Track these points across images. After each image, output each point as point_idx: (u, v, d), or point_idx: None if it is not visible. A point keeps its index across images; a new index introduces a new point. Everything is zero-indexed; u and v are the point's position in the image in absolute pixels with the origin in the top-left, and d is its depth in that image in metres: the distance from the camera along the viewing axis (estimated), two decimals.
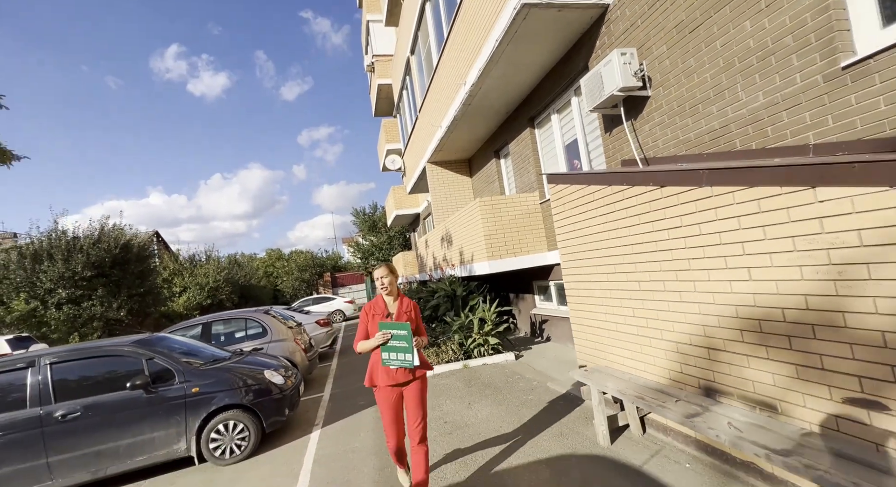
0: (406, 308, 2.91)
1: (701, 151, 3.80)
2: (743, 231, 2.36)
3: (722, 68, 3.49)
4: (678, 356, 2.94)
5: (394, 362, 2.73)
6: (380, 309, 2.88)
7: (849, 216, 1.85)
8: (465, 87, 6.43)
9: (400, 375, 2.79)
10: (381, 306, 2.89)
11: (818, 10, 2.78)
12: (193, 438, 4.16)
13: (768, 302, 2.26)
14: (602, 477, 2.82)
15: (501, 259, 6.54)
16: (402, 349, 2.70)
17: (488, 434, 3.81)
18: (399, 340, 2.70)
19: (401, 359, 2.71)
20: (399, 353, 2.71)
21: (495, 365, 6.25)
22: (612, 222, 3.49)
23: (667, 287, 2.99)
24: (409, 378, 2.82)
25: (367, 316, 2.88)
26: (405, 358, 2.70)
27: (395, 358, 2.72)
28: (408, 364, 2.70)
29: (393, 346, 2.72)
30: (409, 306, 2.94)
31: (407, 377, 2.81)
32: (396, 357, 2.72)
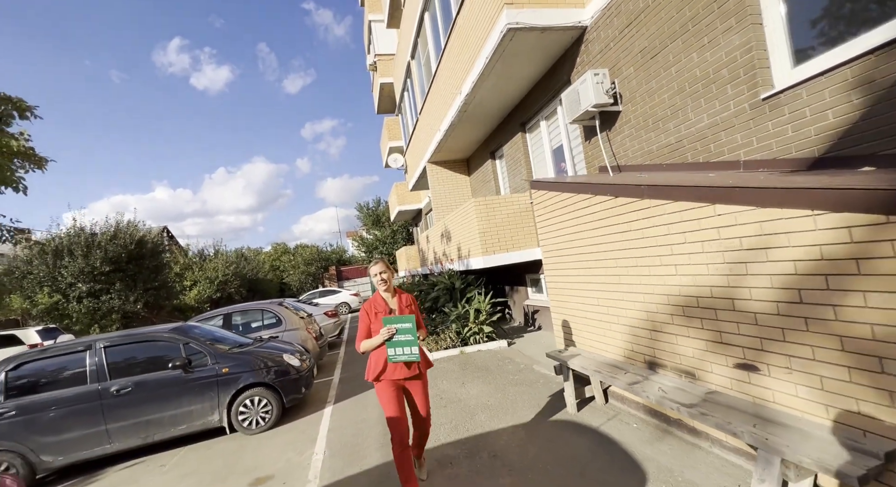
0: (406, 302, 2.98)
1: (661, 162, 4.39)
2: (671, 236, 2.98)
3: (676, 91, 4.07)
4: (630, 337, 3.58)
5: (400, 357, 2.76)
6: (381, 307, 2.90)
7: (734, 226, 2.47)
8: (461, 96, 7.01)
9: (403, 371, 2.83)
10: (381, 303, 2.91)
11: (745, 49, 3.36)
12: (225, 411, 4.88)
13: (688, 292, 2.88)
14: (564, 436, 3.48)
15: (495, 254, 7.17)
16: (408, 342, 2.73)
17: (477, 407, 4.49)
18: (404, 334, 2.73)
19: (407, 354, 2.75)
20: (405, 347, 2.74)
21: (489, 351, 6.92)
22: (582, 225, 4.11)
23: (621, 280, 3.62)
24: (414, 373, 2.87)
25: (369, 315, 2.87)
26: (411, 352, 2.74)
27: (402, 352, 2.75)
28: (414, 357, 2.75)
29: (398, 341, 2.74)
30: (409, 300, 3.00)
31: (413, 372, 2.86)
32: (403, 351, 2.75)
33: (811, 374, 2.15)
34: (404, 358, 2.76)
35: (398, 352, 2.76)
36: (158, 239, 18.54)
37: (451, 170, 10.84)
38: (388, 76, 15.76)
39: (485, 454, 3.40)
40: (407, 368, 2.85)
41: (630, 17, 4.53)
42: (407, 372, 2.85)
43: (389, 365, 2.82)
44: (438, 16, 7.95)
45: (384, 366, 2.83)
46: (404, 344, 2.74)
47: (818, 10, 3.05)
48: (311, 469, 3.70)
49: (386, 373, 2.84)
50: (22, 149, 7.76)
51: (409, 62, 10.67)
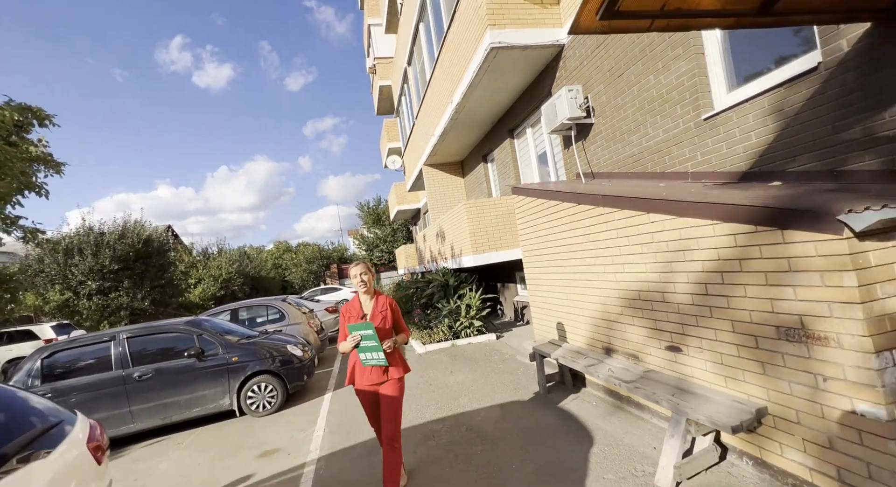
0: (381, 307, 2.94)
1: (627, 170, 4.91)
2: (619, 239, 3.50)
3: (638, 108, 4.58)
4: (591, 327, 4.11)
5: (371, 361, 2.83)
6: (355, 311, 2.95)
7: (662, 232, 2.99)
8: (452, 105, 7.52)
9: (375, 376, 2.86)
10: (356, 307, 2.96)
11: (690, 75, 3.86)
12: (234, 396, 5.44)
13: (633, 287, 3.41)
14: (533, 413, 4.02)
15: (484, 253, 7.70)
16: (373, 348, 2.78)
17: (461, 391, 5.03)
18: (367, 340, 2.78)
19: (376, 358, 2.81)
20: (372, 352, 2.80)
21: (479, 344, 7.46)
22: (553, 228, 4.63)
23: (583, 277, 4.14)
24: (383, 379, 2.86)
25: (345, 318, 2.95)
26: (379, 357, 2.79)
27: (371, 357, 2.82)
28: (383, 362, 2.80)
29: (365, 346, 2.80)
30: (385, 304, 2.96)
31: (381, 378, 2.86)
32: (372, 356, 2.81)
33: (715, 352, 2.68)
34: (374, 362, 2.82)
35: (368, 357, 2.83)
36: (164, 237, 19.13)
37: (446, 172, 11.37)
38: (387, 79, 16.26)
39: (463, 428, 3.95)
40: (377, 373, 2.86)
41: (600, 39, 5.03)
42: (376, 378, 2.86)
43: (358, 370, 2.90)
44: (432, 27, 8.45)
45: (353, 371, 2.93)
46: (371, 350, 2.79)
47: (747, 45, 3.55)
48: (313, 443, 4.25)
49: (356, 379, 2.91)
50: (41, 155, 8.33)
51: (405, 68, 11.18)
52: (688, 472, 2.55)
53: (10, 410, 1.68)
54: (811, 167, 2.95)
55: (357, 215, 31.34)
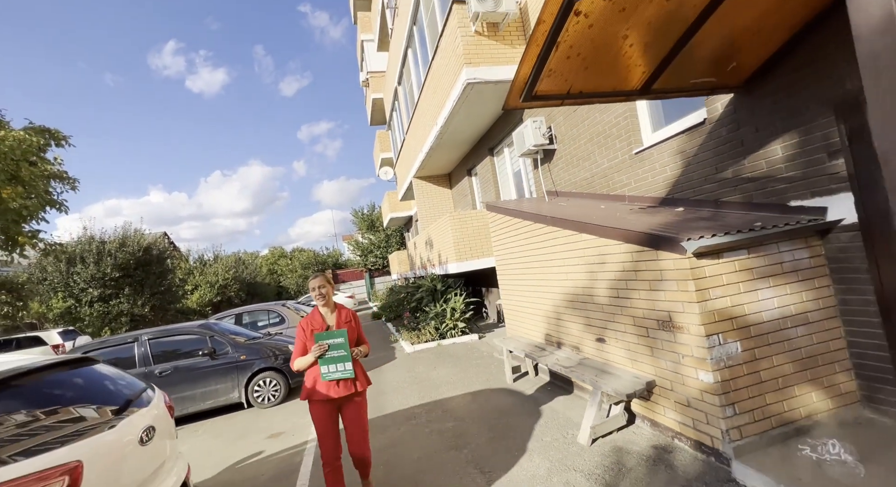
0: (345, 318, 2.90)
1: (582, 191, 5.79)
2: (563, 252, 4.36)
3: (588, 139, 5.47)
4: (546, 325, 4.96)
5: (333, 374, 2.70)
6: (318, 323, 2.84)
7: (590, 248, 3.85)
8: (437, 126, 8.39)
9: (338, 390, 2.75)
10: (318, 320, 2.86)
11: (625, 116, 4.75)
12: (243, 389, 6.23)
13: (573, 291, 4.27)
14: (498, 397, 4.87)
15: (467, 261, 8.56)
16: (341, 358, 2.69)
17: (441, 383, 5.86)
18: (337, 349, 2.68)
19: (341, 371, 2.69)
20: (338, 363, 2.69)
21: (462, 344, 8.29)
22: (518, 240, 5.49)
23: (541, 283, 5.00)
24: (347, 392, 2.77)
25: (305, 332, 2.81)
26: (345, 369, 2.69)
27: (335, 369, 2.69)
28: (348, 373, 2.70)
29: (331, 357, 2.69)
30: (349, 316, 2.93)
31: (346, 392, 2.77)
32: (336, 368, 2.69)
33: (624, 341, 3.54)
34: (338, 376, 2.70)
35: (331, 370, 2.70)
36: (163, 245, 19.82)
37: (434, 184, 12.24)
38: (380, 92, 17.13)
39: (439, 410, 4.78)
40: (341, 387, 2.76)
41: None
42: (341, 391, 2.76)
43: (321, 383, 2.75)
44: (419, 54, 9.34)
45: (315, 385, 2.77)
46: (337, 361, 2.69)
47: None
48: (312, 428, 5.06)
49: (318, 393, 2.75)
50: (58, 173, 9.11)
51: (396, 87, 12.06)
52: (601, 431, 3.40)
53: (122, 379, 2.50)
54: (704, 197, 3.84)
55: (352, 221, 32.15)
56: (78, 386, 2.22)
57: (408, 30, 9.52)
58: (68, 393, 2.13)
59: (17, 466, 1.55)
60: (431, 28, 8.09)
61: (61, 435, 1.84)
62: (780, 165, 3.15)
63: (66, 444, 1.77)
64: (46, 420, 1.91)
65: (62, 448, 1.74)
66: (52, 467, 1.62)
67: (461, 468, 3.38)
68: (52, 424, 1.91)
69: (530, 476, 3.07)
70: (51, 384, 2.13)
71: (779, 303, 2.85)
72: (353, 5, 18.22)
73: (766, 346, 2.78)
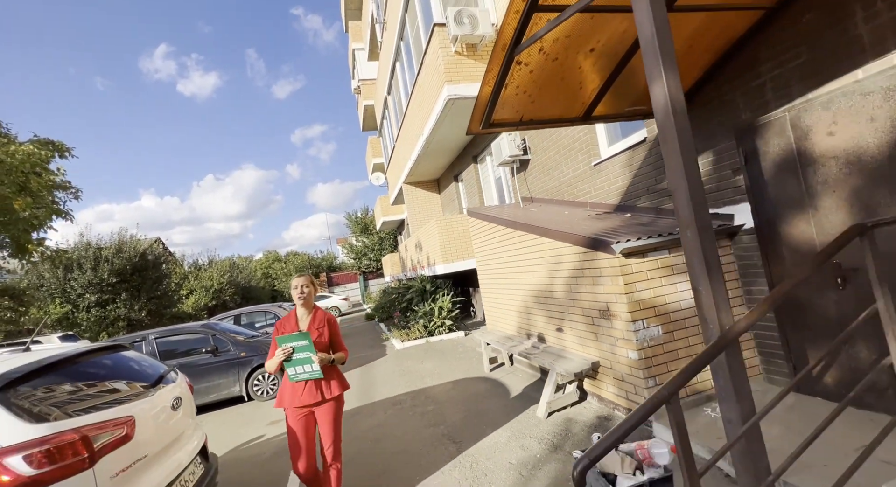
0: (319, 324, 2.79)
1: (553, 197, 6.42)
2: (530, 253, 4.98)
3: (556, 152, 6.10)
4: (517, 318, 5.57)
5: (301, 375, 2.62)
6: (290, 326, 2.79)
7: (549, 250, 4.47)
8: (423, 137, 9.00)
9: (309, 396, 2.65)
10: (291, 323, 2.80)
11: (585, 131, 5.39)
12: (243, 384, 6.78)
13: (538, 287, 4.88)
14: (475, 384, 5.46)
15: (453, 262, 9.16)
16: (306, 360, 2.60)
17: (427, 374, 6.45)
18: (301, 351, 2.60)
19: (308, 371, 2.61)
20: (304, 365, 2.61)
21: (449, 340, 8.89)
22: (494, 243, 6.10)
23: (512, 281, 5.61)
24: (318, 398, 2.67)
25: (279, 334, 2.75)
26: (312, 370, 2.61)
27: (302, 371, 2.61)
28: (316, 374, 2.61)
29: (297, 359, 2.61)
30: (323, 320, 2.82)
31: (317, 397, 2.67)
32: (303, 369, 2.61)
33: (576, 329, 4.15)
34: (305, 377, 2.62)
35: (298, 371, 2.62)
36: (159, 250, 20.25)
37: (423, 189, 12.84)
38: (371, 99, 17.71)
39: (423, 396, 5.37)
40: (311, 392, 2.66)
41: None
42: (310, 398, 2.66)
43: (290, 388, 2.68)
44: (406, 67, 9.95)
45: (283, 392, 2.72)
46: (303, 362, 2.61)
47: None
48: None
49: (290, 399, 2.68)
50: (62, 183, 9.61)
51: (386, 97, 12.67)
52: (556, 406, 4.01)
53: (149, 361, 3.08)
54: (648, 205, 4.47)
55: (345, 225, 32.66)
56: (118, 365, 2.79)
57: (395, 45, 10.14)
58: (113, 370, 2.70)
59: (92, 416, 2.12)
60: (416, 45, 8.70)
61: (116, 398, 2.41)
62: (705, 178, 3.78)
63: (121, 404, 2.34)
64: (103, 388, 2.48)
65: (119, 406, 2.31)
66: (117, 417, 2.19)
67: (437, 440, 3.97)
68: (107, 391, 2.48)
69: (493, 443, 3.67)
70: (98, 363, 2.70)
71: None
72: (344, 15, 18.81)
73: (682, 329, 3.41)
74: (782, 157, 3.08)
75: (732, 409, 1.60)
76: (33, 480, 1.80)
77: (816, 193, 2.89)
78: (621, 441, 1.39)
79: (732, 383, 1.58)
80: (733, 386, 1.59)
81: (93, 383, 2.56)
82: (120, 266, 17.37)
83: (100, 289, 17.01)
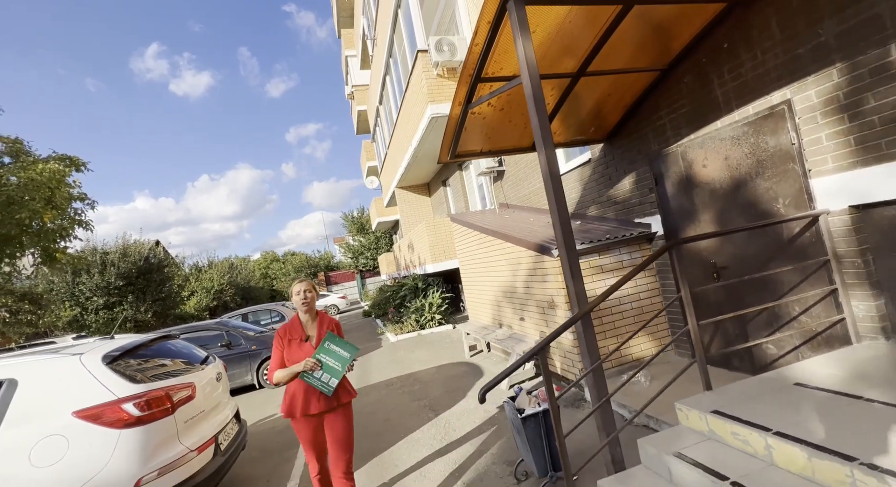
0: (328, 328, 2.69)
1: (525, 205, 7.38)
2: (498, 256, 5.94)
3: (525, 165, 7.06)
4: (492, 311, 6.55)
5: (312, 380, 2.51)
6: (297, 333, 2.67)
7: (511, 253, 5.43)
8: (412, 147, 9.92)
9: (323, 403, 2.58)
10: (297, 329, 2.68)
11: None
12: (255, 374, 7.75)
13: (505, 284, 5.85)
14: (456, 367, 6.45)
15: (441, 262, 10.12)
16: (332, 371, 2.52)
17: (416, 361, 7.43)
18: (337, 360, 2.53)
19: (323, 381, 2.51)
20: (326, 374, 2.51)
21: (438, 333, 9.87)
22: (472, 245, 7.07)
23: (486, 278, 6.58)
24: (329, 406, 2.60)
25: (283, 342, 2.64)
26: (328, 382, 2.51)
27: (319, 377, 2.51)
28: (326, 389, 2.51)
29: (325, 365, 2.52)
30: (332, 325, 2.73)
31: (331, 403, 2.60)
32: (321, 376, 2.51)
33: (533, 318, 5.13)
34: (315, 384, 2.51)
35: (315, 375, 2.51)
36: (162, 254, 21.14)
37: (415, 192, 13.78)
38: (364, 104, 18.57)
39: (411, 379, 6.35)
40: (321, 401, 2.59)
41: None
42: (322, 406, 2.59)
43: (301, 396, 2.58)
44: (395, 82, 10.86)
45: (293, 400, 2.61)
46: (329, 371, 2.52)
47: None
48: None
49: (296, 408, 2.59)
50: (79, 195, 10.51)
51: (378, 107, 13.57)
52: (515, 380, 4.99)
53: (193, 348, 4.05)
54: (594, 214, 5.44)
55: (342, 225, 33.56)
56: (175, 348, 3.73)
57: (385, 61, 11.04)
58: (172, 351, 3.65)
59: (169, 380, 3.08)
60: (404, 64, 9.62)
61: (180, 370, 3.37)
62: (629, 194, 4.75)
63: (184, 374, 3.30)
64: (170, 363, 3.43)
65: (184, 376, 3.26)
66: (184, 382, 3.14)
67: (420, 409, 4.95)
68: (173, 365, 3.44)
69: (463, 410, 4.65)
70: (162, 347, 3.65)
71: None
72: (336, 23, 19.62)
73: (608, 315, 4.38)
74: (679, 181, 4.04)
75: (586, 358, 2.57)
76: (139, 419, 2.75)
77: (698, 209, 3.86)
78: (504, 378, 2.38)
79: (586, 342, 2.55)
80: (587, 344, 2.55)
81: (162, 359, 3.52)
82: (125, 269, 18.26)
83: (107, 292, 17.91)
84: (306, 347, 2.63)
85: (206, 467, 3.05)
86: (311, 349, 2.60)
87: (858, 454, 1.68)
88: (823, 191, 2.88)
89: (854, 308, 2.82)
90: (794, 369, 2.67)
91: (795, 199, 3.06)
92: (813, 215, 2.91)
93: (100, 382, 2.78)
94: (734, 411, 2.26)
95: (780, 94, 3.04)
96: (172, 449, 2.85)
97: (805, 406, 2.18)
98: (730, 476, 1.94)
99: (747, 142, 3.32)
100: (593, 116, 4.55)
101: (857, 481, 1.62)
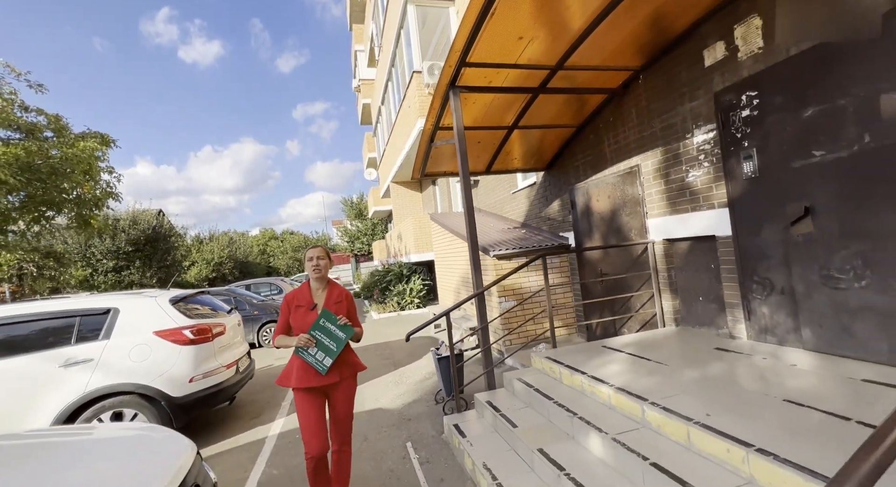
0: (337, 298, 2.65)
1: (492, 211, 8.90)
2: (459, 251, 7.47)
3: (494, 178, 8.57)
4: (454, 296, 8.11)
5: (307, 356, 2.45)
6: (304, 300, 2.60)
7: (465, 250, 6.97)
8: (405, 151, 11.40)
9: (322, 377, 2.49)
10: (305, 296, 2.62)
11: None
12: (256, 334, 9.34)
13: (461, 275, 7.40)
14: (421, 339, 8.04)
15: (423, 253, 11.67)
16: (327, 350, 2.43)
17: (391, 335, 9.02)
18: (333, 340, 2.44)
19: (318, 358, 2.43)
20: (321, 352, 2.44)
21: (416, 314, 11.46)
22: (444, 241, 8.60)
23: (451, 269, 8.13)
24: (335, 378, 2.53)
25: (290, 308, 2.59)
26: (322, 361, 2.43)
27: (313, 354, 2.44)
28: (321, 368, 2.44)
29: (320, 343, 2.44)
30: (342, 296, 2.69)
31: (334, 378, 2.52)
32: (315, 354, 2.44)
33: None
34: (310, 360, 2.46)
35: (310, 351, 2.46)
36: (168, 223, 22.64)
37: (407, 188, 15.26)
38: (369, 98, 19.92)
39: (384, 346, 7.94)
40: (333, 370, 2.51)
41: None
42: (324, 379, 2.51)
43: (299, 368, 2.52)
44: (395, 89, 12.27)
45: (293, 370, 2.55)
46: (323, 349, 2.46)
47: None
48: None
49: (302, 379, 2.50)
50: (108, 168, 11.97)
51: (380, 106, 14.97)
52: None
53: (218, 301, 5.61)
54: (536, 224, 6.97)
55: (341, 209, 35.00)
56: (209, 300, 5.29)
57: (388, 69, 12.44)
58: (207, 302, 5.21)
59: (209, 320, 4.63)
60: (402, 77, 11.03)
61: (213, 314, 4.93)
62: (557, 214, 6.28)
63: (217, 318, 4.85)
64: (207, 309, 4.99)
65: (217, 318, 4.82)
66: (218, 322, 4.70)
67: (385, 366, 6.55)
68: (210, 311, 4.99)
69: (417, 366, 6.25)
70: (200, 298, 5.19)
71: (540, 282, 5.99)
72: (349, 17, 20.84)
73: (527, 302, 5.93)
74: (584, 208, 5.56)
75: (480, 320, 4.13)
76: (192, 341, 4.30)
77: (594, 231, 5.39)
78: (420, 331, 3.93)
79: (478, 311, 4.10)
80: (478, 312, 4.11)
81: (204, 306, 5.07)
82: (135, 236, 19.78)
83: (116, 256, 19.45)
84: (312, 315, 2.56)
85: (230, 379, 4.62)
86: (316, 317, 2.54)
87: (608, 378, 3.24)
88: (653, 228, 4.41)
89: (664, 304, 4.38)
90: (612, 340, 4.23)
91: (640, 231, 4.59)
92: (647, 243, 4.45)
93: (168, 316, 4.33)
94: (559, 358, 3.82)
95: (636, 160, 4.55)
96: (211, 363, 4.42)
97: (599, 357, 3.73)
98: (540, 389, 3.50)
99: (619, 188, 4.84)
100: (535, 151, 6.06)
101: (588, 380, 3.17)
